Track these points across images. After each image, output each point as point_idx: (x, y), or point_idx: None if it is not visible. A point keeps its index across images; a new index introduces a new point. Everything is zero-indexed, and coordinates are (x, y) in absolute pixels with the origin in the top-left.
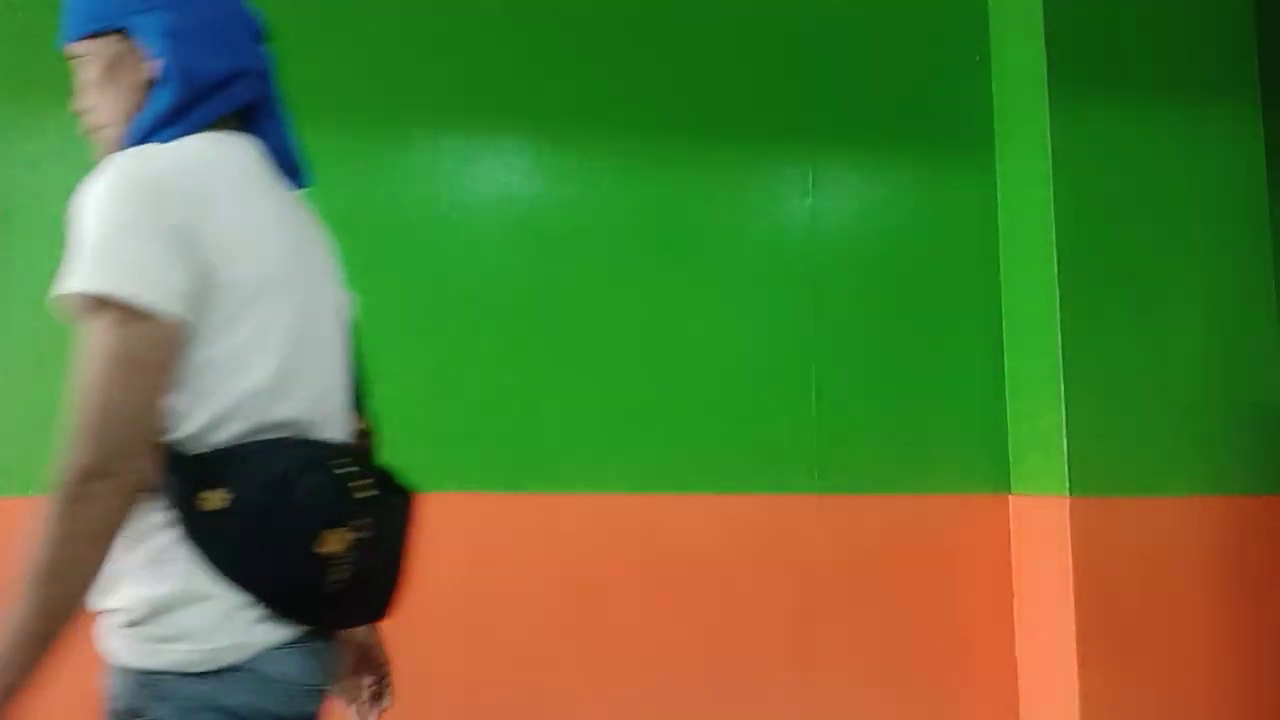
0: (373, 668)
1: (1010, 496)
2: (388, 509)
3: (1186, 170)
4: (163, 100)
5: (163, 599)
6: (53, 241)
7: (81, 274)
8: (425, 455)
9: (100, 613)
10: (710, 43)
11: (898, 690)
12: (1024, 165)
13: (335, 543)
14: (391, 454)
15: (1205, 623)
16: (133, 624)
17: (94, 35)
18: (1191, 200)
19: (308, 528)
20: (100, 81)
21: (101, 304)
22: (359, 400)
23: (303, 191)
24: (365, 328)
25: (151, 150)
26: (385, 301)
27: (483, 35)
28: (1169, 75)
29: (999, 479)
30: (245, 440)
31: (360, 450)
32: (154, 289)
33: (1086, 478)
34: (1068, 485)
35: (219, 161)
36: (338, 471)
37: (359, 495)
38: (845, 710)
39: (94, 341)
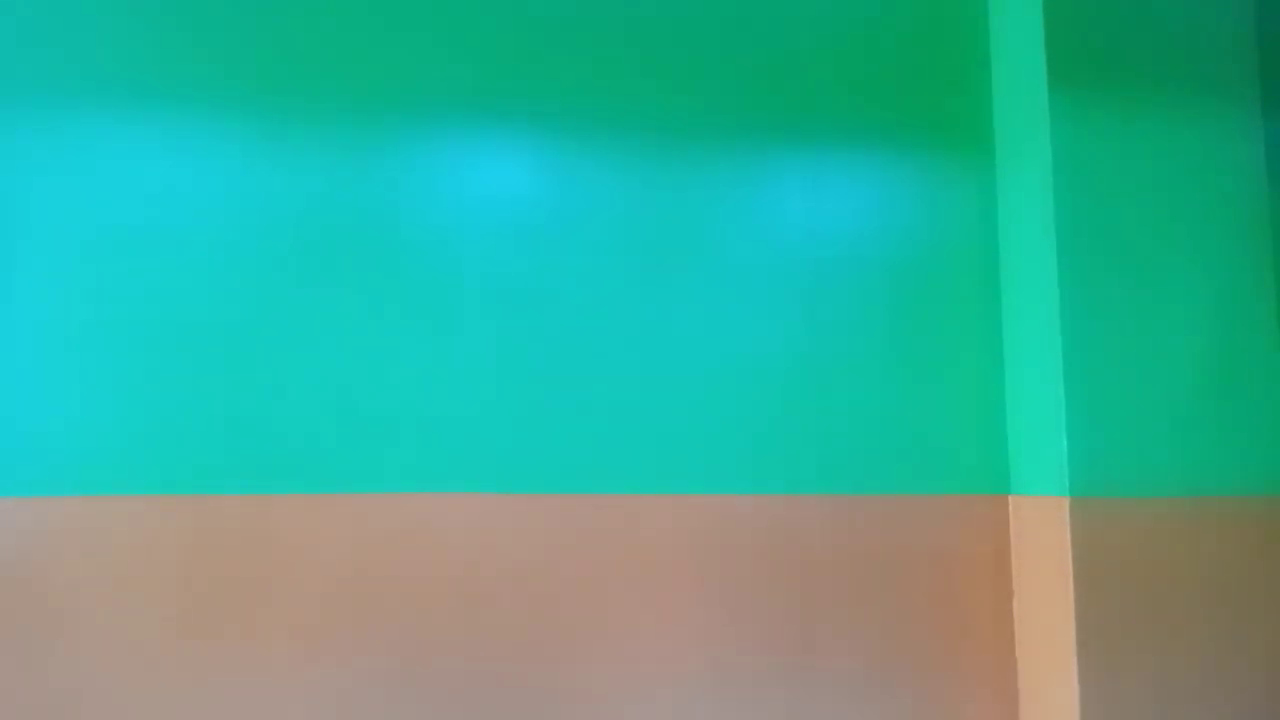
0: None
1: (1010, 497)
2: None
3: (1186, 170)
4: None
5: None
6: (55, 243)
7: None
8: (425, 455)
9: None
10: (708, 42)
11: (897, 690)
12: (1024, 165)
13: None
14: (391, 453)
15: (1205, 623)
16: None
17: None
18: (1191, 200)
19: None
20: None
21: None
22: None
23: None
24: (365, 327)
25: None
26: (385, 300)
27: (481, 34)
28: (1169, 75)
29: (999, 479)
30: None
31: None
32: None
33: (1086, 478)
34: (1068, 485)
35: None
36: None
37: None
38: (845, 711)
39: None
